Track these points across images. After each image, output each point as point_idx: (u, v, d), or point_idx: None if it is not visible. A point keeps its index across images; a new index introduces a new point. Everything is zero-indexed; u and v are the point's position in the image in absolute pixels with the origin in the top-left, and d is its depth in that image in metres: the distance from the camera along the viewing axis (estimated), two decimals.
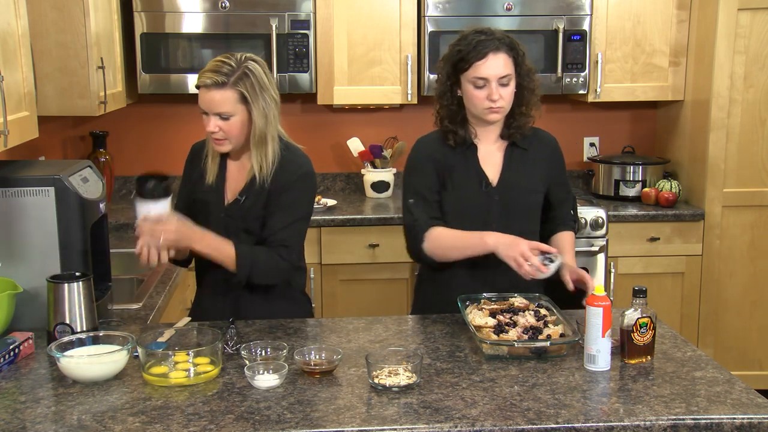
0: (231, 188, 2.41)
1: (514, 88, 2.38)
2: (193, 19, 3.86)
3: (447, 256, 2.41)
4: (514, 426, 1.70)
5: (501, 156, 2.47)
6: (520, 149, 2.47)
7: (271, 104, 2.30)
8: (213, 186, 2.40)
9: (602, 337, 1.97)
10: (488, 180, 2.44)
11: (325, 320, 2.45)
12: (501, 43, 2.35)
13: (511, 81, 2.37)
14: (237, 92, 2.25)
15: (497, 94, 2.34)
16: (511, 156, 2.47)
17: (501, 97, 2.34)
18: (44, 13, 3.08)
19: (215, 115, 2.27)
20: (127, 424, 1.70)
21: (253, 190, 2.36)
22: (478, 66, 2.34)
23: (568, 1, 3.98)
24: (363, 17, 3.96)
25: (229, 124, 2.28)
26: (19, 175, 2.27)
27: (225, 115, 2.27)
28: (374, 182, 4.21)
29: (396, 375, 1.87)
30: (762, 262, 4.00)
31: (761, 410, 1.77)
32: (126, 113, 4.11)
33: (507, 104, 2.38)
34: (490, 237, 2.32)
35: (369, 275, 3.85)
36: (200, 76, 2.27)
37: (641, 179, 4.15)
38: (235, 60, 2.27)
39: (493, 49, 2.33)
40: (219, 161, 2.42)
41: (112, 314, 2.45)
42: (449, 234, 2.40)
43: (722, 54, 3.83)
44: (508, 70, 2.35)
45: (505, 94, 2.35)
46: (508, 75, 2.35)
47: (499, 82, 2.34)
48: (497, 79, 2.33)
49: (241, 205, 2.37)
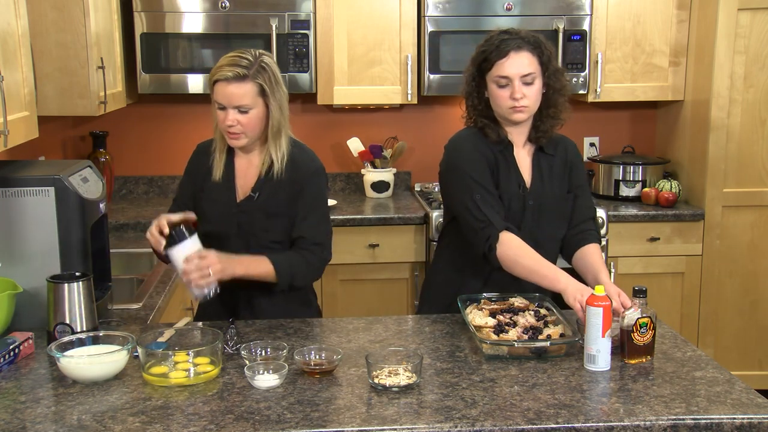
0: (241, 185, 2.41)
1: (540, 88, 2.36)
2: (193, 19, 3.86)
3: (513, 269, 2.32)
4: (514, 426, 1.70)
5: (530, 161, 2.46)
6: (547, 155, 2.46)
7: (284, 98, 2.34)
8: (222, 183, 2.40)
9: (602, 337, 1.97)
10: (524, 182, 2.43)
11: (325, 320, 2.45)
12: (524, 42, 2.33)
13: (535, 80, 2.34)
14: (257, 85, 2.27)
15: (520, 93, 2.32)
16: (539, 161, 2.45)
17: (525, 95, 2.32)
18: (44, 13, 3.08)
19: (234, 108, 2.27)
20: (127, 424, 1.71)
21: (266, 185, 2.37)
22: (500, 65, 2.33)
23: (568, 1, 3.98)
24: (363, 17, 3.96)
25: (248, 118, 2.29)
26: (19, 175, 2.27)
27: (244, 108, 2.28)
28: (374, 182, 4.21)
29: (396, 375, 1.87)
30: (762, 262, 4.00)
31: (761, 410, 1.77)
32: (126, 113, 4.11)
33: (532, 104, 2.36)
34: (562, 278, 2.21)
35: (369, 275, 3.85)
36: (218, 71, 2.27)
37: (641, 179, 4.15)
38: (251, 54, 2.29)
39: (514, 48, 2.32)
40: (226, 158, 2.41)
41: (112, 314, 2.45)
42: (527, 252, 2.30)
43: (722, 54, 3.83)
44: (531, 69, 2.33)
45: (529, 93, 2.33)
46: (531, 74, 2.33)
47: (523, 81, 2.32)
48: (520, 77, 2.32)
49: (255, 201, 2.38)
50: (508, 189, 2.41)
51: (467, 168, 2.40)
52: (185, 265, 2.18)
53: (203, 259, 2.18)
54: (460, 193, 2.40)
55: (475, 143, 2.43)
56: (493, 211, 2.36)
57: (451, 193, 2.48)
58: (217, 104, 2.30)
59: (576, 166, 2.52)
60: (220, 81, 2.27)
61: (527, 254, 2.30)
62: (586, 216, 2.53)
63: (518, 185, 2.42)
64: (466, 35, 3.91)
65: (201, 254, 2.19)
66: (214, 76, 2.28)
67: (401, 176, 4.43)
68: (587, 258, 2.42)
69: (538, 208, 2.43)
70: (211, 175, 2.41)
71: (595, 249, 2.46)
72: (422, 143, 4.40)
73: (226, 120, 2.28)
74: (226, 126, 2.29)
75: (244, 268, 2.29)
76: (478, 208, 2.35)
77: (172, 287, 2.82)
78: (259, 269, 2.31)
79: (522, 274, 2.32)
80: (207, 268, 2.17)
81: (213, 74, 2.29)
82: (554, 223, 2.47)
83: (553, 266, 2.29)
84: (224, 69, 2.26)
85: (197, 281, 2.18)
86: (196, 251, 2.20)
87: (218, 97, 2.28)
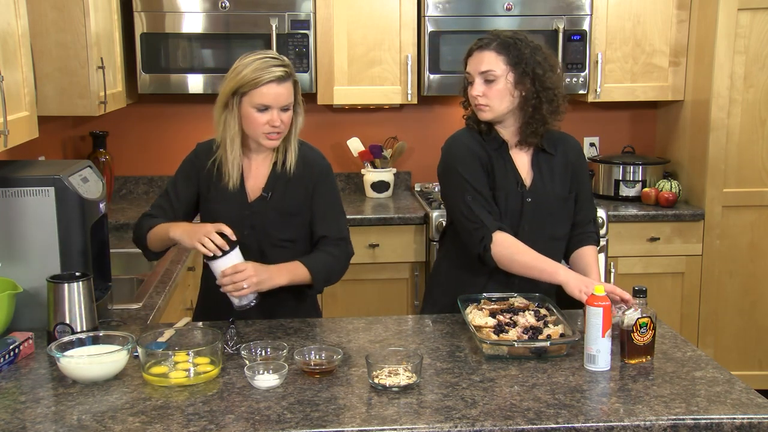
0: (252, 185, 2.41)
1: (507, 88, 2.35)
2: (193, 19, 3.86)
3: (510, 267, 2.35)
4: (514, 426, 1.70)
5: (528, 160, 2.45)
6: (547, 154, 2.46)
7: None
8: (233, 184, 2.38)
9: (602, 337, 1.97)
10: (522, 181, 2.43)
11: (325, 320, 2.45)
12: (491, 41, 2.36)
13: (499, 79, 2.34)
14: (293, 83, 2.32)
15: (477, 90, 2.35)
16: (538, 161, 2.45)
17: (484, 94, 2.35)
18: (44, 13, 3.08)
19: (279, 108, 2.28)
20: (127, 424, 1.70)
21: (278, 184, 2.38)
22: (468, 62, 2.40)
23: (568, 1, 3.98)
24: (363, 17, 3.97)
25: (289, 115, 2.32)
26: (19, 175, 2.27)
27: (287, 107, 2.30)
28: (374, 182, 4.21)
29: (396, 375, 1.87)
30: (762, 262, 4.00)
31: (761, 410, 1.77)
32: (126, 113, 4.11)
33: (493, 103, 2.36)
34: (561, 271, 2.28)
35: (369, 275, 3.85)
36: (264, 73, 2.25)
37: (641, 179, 4.15)
38: (276, 54, 2.33)
39: (479, 46, 2.37)
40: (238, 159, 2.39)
41: (112, 314, 2.45)
42: (522, 248, 2.33)
43: (722, 54, 3.84)
44: (490, 67, 2.34)
45: (489, 91, 2.35)
46: (490, 71, 2.34)
47: (484, 78, 2.35)
48: (479, 74, 2.35)
49: (268, 201, 2.38)
50: (506, 187, 2.41)
51: (460, 169, 2.41)
52: (221, 280, 2.22)
53: (239, 273, 2.20)
54: (453, 194, 2.43)
55: (469, 143, 2.44)
56: (485, 212, 2.37)
57: (446, 195, 2.50)
58: (259, 106, 2.27)
59: (579, 167, 2.51)
60: (270, 82, 2.25)
61: (523, 251, 2.33)
62: (587, 218, 2.54)
63: (516, 183, 2.42)
64: (466, 35, 3.90)
65: (237, 268, 2.20)
66: (256, 78, 2.24)
67: (401, 176, 4.43)
68: (582, 259, 2.47)
69: (537, 207, 2.43)
70: (218, 177, 2.39)
71: (591, 251, 2.49)
72: (422, 143, 4.41)
73: (274, 120, 2.28)
74: (271, 127, 2.28)
75: (287, 277, 2.31)
76: (470, 210, 2.37)
77: (172, 287, 2.82)
78: (299, 275, 2.33)
79: (520, 271, 2.34)
80: (241, 282, 2.19)
81: (252, 78, 2.24)
82: (554, 223, 2.47)
83: (550, 260, 2.31)
84: (271, 70, 2.25)
85: (232, 294, 2.22)
86: (232, 266, 2.21)
87: (265, 98, 2.26)
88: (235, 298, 2.25)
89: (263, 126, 2.29)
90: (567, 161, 2.48)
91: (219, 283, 2.23)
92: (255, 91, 2.26)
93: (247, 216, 2.38)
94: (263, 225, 2.38)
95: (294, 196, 2.39)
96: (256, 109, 2.27)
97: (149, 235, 2.40)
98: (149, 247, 2.42)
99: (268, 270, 2.27)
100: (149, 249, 2.43)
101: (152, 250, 2.43)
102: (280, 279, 2.29)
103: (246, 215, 2.38)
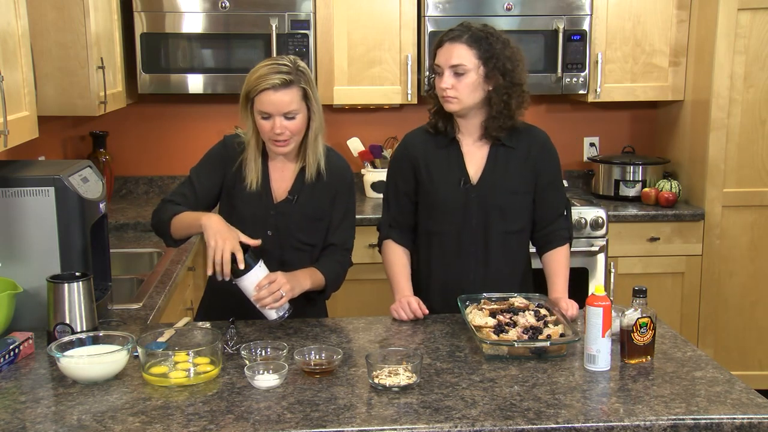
0: (277, 188, 2.40)
1: (477, 82, 2.35)
2: (193, 19, 3.86)
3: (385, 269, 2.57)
4: (514, 426, 1.70)
5: (485, 154, 2.45)
6: (507, 147, 2.45)
7: (319, 100, 2.35)
8: (257, 187, 2.36)
9: (602, 337, 1.97)
10: (468, 177, 2.43)
11: (325, 320, 2.45)
12: (463, 33, 2.36)
13: (468, 72, 2.34)
14: (300, 89, 2.27)
15: (446, 82, 2.35)
16: (495, 154, 2.44)
17: (453, 86, 2.35)
18: (44, 13, 3.08)
19: (281, 115, 2.25)
20: (127, 424, 1.71)
21: (304, 188, 2.38)
22: (437, 53, 2.40)
23: (568, 1, 3.98)
24: (363, 17, 3.97)
25: (295, 123, 2.28)
26: (19, 175, 2.27)
27: (291, 114, 2.27)
28: (374, 182, 4.21)
29: (396, 375, 1.87)
30: (762, 262, 4.00)
31: (761, 410, 1.77)
32: (126, 113, 4.11)
33: (462, 95, 2.36)
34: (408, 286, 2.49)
35: (369, 275, 3.84)
36: (261, 80, 2.23)
37: (641, 179, 4.15)
38: (288, 60, 2.28)
39: (450, 39, 2.37)
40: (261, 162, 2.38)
41: (112, 314, 2.45)
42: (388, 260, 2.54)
43: (722, 54, 3.83)
44: (460, 61, 2.34)
45: (459, 84, 2.35)
46: (461, 65, 2.34)
47: (454, 71, 2.35)
48: (448, 67, 2.35)
49: (293, 204, 2.38)
50: (447, 182, 2.44)
51: (390, 167, 2.59)
52: (258, 293, 2.17)
53: (274, 283, 2.18)
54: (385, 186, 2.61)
55: (409, 142, 2.54)
56: (389, 216, 2.54)
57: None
58: (262, 114, 2.26)
59: (542, 160, 2.48)
60: (266, 90, 2.23)
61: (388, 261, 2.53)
62: (555, 214, 2.52)
63: (460, 181, 2.43)
64: None
65: (270, 278, 2.19)
66: (257, 86, 2.23)
67: None
68: (548, 266, 2.51)
69: (485, 203, 2.43)
70: (242, 177, 2.37)
71: (558, 255, 2.49)
72: None
73: (275, 128, 2.26)
74: (274, 134, 2.27)
75: (309, 282, 2.32)
76: (382, 208, 2.58)
77: (172, 287, 2.82)
78: (317, 281, 2.35)
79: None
80: (279, 291, 2.18)
81: (254, 85, 2.24)
82: (506, 218, 2.45)
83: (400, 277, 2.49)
84: (269, 77, 2.22)
85: (272, 306, 2.18)
86: (265, 276, 2.19)
87: (264, 106, 2.24)
88: (272, 310, 2.20)
89: (268, 133, 2.28)
90: (528, 155, 2.46)
91: (255, 298, 2.18)
92: (257, 98, 2.26)
93: (271, 216, 2.38)
94: (287, 227, 2.39)
95: (319, 201, 2.40)
96: (261, 116, 2.28)
97: (173, 222, 2.33)
98: (171, 233, 2.36)
99: (295, 276, 2.27)
100: (171, 236, 2.37)
101: (174, 237, 2.38)
102: (306, 284, 2.30)
103: (271, 215, 2.38)
